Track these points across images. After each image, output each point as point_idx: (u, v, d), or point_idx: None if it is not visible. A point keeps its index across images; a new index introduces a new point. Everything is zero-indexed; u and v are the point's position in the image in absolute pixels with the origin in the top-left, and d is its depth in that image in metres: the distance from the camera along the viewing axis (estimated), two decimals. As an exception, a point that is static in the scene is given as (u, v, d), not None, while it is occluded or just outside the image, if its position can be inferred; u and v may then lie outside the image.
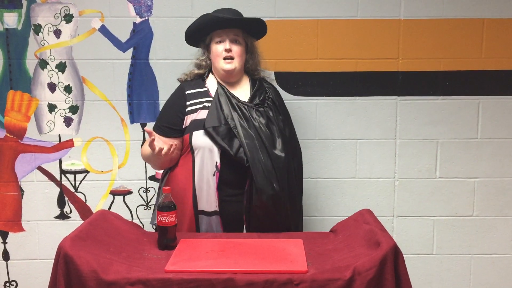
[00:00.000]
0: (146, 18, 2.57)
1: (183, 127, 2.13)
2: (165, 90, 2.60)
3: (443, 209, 2.69)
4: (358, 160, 2.66)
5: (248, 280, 1.53)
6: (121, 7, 2.56)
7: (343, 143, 2.65)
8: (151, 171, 2.66)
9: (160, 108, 2.60)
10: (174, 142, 2.11)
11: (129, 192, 2.68)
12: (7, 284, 2.72)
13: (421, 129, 2.64)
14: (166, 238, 1.82)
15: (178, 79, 2.29)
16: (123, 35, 2.58)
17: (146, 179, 2.67)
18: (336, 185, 2.64)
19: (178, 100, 2.17)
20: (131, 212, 2.69)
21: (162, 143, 2.07)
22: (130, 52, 2.59)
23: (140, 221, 2.68)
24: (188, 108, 2.14)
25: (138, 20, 2.57)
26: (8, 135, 2.63)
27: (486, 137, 2.64)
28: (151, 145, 2.02)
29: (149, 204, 2.69)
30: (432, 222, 2.70)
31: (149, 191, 2.68)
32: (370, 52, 2.59)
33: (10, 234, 2.70)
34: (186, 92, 2.17)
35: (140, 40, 2.58)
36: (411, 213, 2.69)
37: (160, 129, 2.17)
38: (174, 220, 1.82)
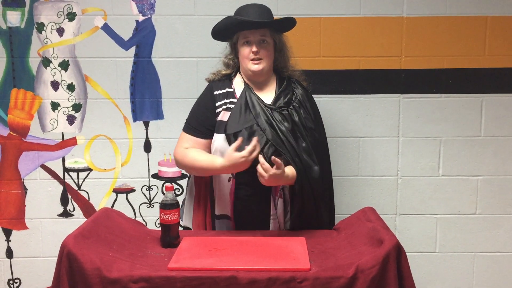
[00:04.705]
0: (149, 16, 2.57)
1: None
2: (168, 88, 2.60)
3: (446, 207, 2.68)
4: (360, 158, 2.66)
5: (251, 278, 1.53)
6: (124, 5, 2.56)
7: (346, 141, 2.64)
8: (154, 169, 2.66)
9: (163, 106, 2.61)
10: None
11: (132, 190, 2.69)
12: (11, 282, 2.73)
13: (424, 127, 2.63)
14: (169, 236, 1.82)
15: (206, 79, 2.23)
16: (126, 33, 2.58)
17: (149, 177, 2.67)
18: (339, 183, 2.63)
19: (209, 102, 2.11)
20: (134, 210, 2.69)
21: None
22: (132, 50, 2.59)
23: (143, 219, 2.69)
24: (217, 110, 2.09)
25: (141, 18, 2.57)
26: (11, 133, 2.64)
27: (489, 135, 2.64)
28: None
29: (152, 202, 2.69)
30: (435, 220, 2.69)
31: (152, 189, 2.68)
32: (373, 50, 2.58)
33: (14, 232, 2.70)
34: (215, 93, 2.12)
35: (142, 38, 2.59)
36: (414, 211, 2.69)
37: (200, 132, 2.10)
38: (177, 218, 1.83)
